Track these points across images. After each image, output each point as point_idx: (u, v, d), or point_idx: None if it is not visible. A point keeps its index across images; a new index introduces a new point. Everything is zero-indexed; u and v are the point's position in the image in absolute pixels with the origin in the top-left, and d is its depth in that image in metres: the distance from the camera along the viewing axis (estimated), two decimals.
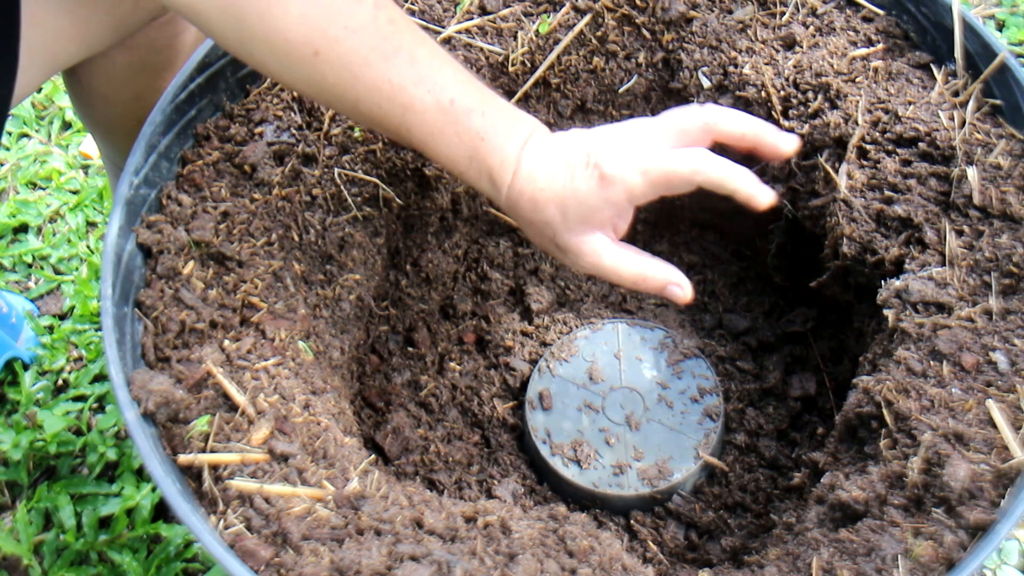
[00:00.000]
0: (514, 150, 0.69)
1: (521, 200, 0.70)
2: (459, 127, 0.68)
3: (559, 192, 0.69)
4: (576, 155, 0.69)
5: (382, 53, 0.66)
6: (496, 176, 0.69)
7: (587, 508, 0.92)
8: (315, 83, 0.67)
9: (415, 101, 0.67)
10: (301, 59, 0.65)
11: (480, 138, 0.68)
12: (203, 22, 0.67)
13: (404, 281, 1.02)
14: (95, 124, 1.02)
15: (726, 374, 1.00)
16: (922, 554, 0.58)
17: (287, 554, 0.59)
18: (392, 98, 0.67)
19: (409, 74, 0.66)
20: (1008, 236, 0.72)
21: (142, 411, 0.64)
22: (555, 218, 0.69)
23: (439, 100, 0.67)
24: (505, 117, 0.70)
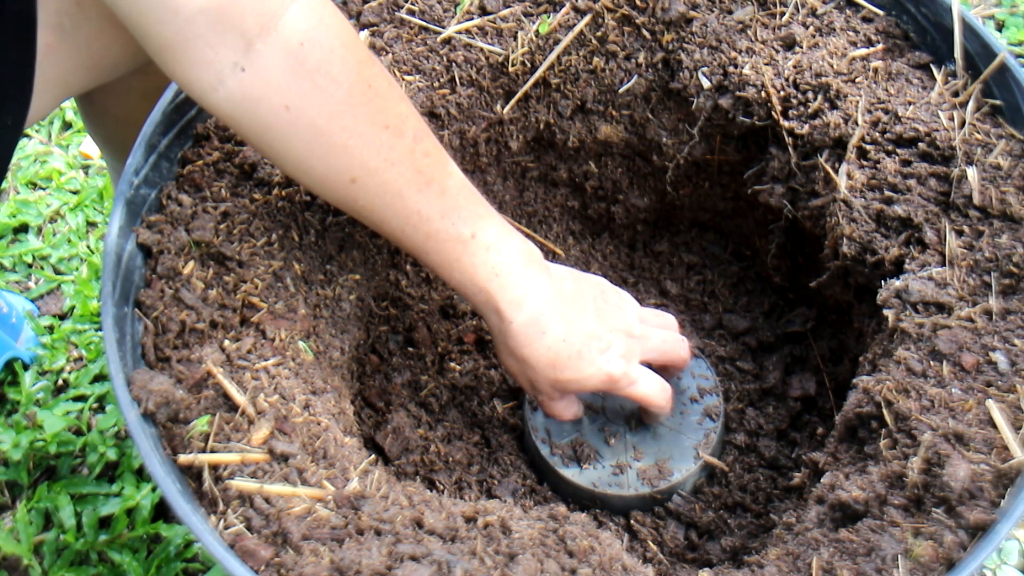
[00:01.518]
0: (524, 291, 0.76)
1: (523, 343, 0.77)
2: (476, 260, 0.74)
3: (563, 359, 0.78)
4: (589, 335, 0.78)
5: (416, 185, 0.70)
6: (504, 313, 0.75)
7: (587, 508, 0.92)
8: (345, 203, 0.71)
9: (439, 232, 0.72)
10: (338, 183, 0.69)
11: (495, 274, 0.74)
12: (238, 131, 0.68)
13: (404, 281, 1.02)
14: (104, 139, 1.02)
15: (726, 374, 1.00)
16: (922, 554, 0.59)
17: (287, 554, 0.59)
18: (418, 227, 0.71)
19: (437, 206, 0.71)
20: (1008, 236, 0.72)
21: (142, 411, 0.64)
22: (546, 373, 0.79)
23: (461, 233, 0.72)
24: (519, 256, 0.76)
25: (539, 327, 0.76)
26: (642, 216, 1.09)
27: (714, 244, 1.10)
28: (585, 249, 1.11)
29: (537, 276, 0.77)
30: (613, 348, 0.80)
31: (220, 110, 0.66)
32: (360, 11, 0.92)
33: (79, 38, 0.74)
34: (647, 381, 0.83)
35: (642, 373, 0.82)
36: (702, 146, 0.97)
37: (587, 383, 0.80)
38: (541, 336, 0.77)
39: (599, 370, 0.79)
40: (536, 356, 0.77)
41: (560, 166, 1.04)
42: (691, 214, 1.08)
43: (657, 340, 0.85)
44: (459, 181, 0.73)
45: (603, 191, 1.06)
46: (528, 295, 0.76)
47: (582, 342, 0.78)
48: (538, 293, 0.76)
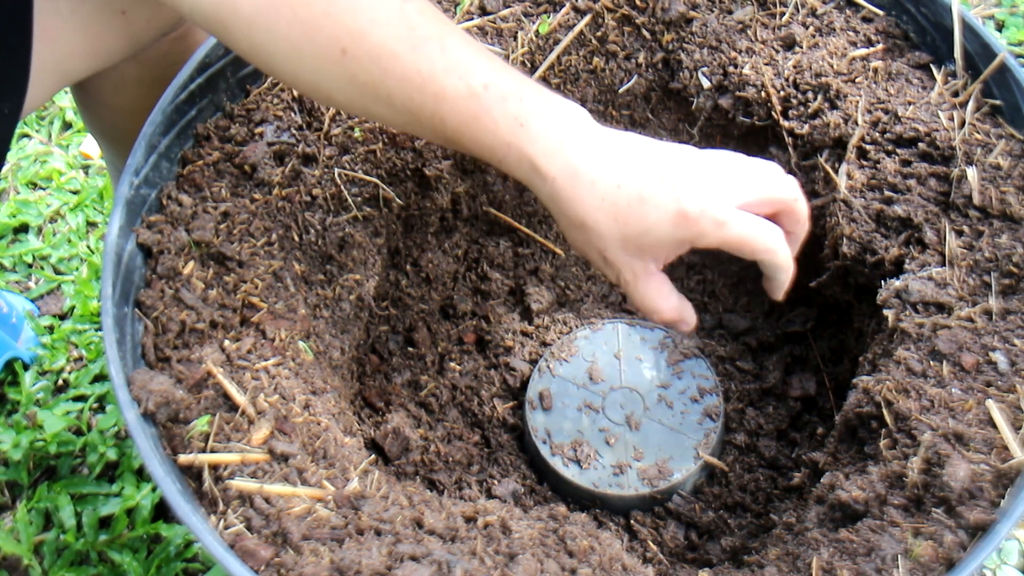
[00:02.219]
0: (559, 138, 0.64)
1: (572, 198, 0.65)
2: (495, 112, 0.64)
3: (623, 208, 0.64)
4: (652, 174, 0.64)
5: (410, 43, 0.63)
6: (539, 165, 0.64)
7: (587, 508, 0.92)
8: (347, 84, 0.64)
9: (447, 89, 0.63)
10: (330, 60, 0.63)
11: (520, 124, 0.64)
12: (227, 35, 0.65)
13: (404, 281, 1.02)
14: (101, 132, 1.02)
15: (726, 374, 1.00)
16: (922, 554, 0.59)
17: (287, 554, 0.59)
18: (423, 88, 0.63)
19: (440, 62, 0.63)
20: (1008, 236, 0.72)
21: (142, 411, 0.64)
22: (611, 232, 0.65)
23: (472, 86, 0.63)
24: (546, 102, 0.65)
25: (587, 176, 0.64)
26: None
27: None
28: None
29: (574, 121, 0.65)
30: (688, 182, 0.64)
31: (208, 15, 0.63)
32: None
33: (75, 23, 0.74)
34: (742, 220, 0.65)
35: (733, 212, 0.65)
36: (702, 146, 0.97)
37: (659, 231, 0.64)
38: (591, 187, 0.64)
39: (669, 208, 0.63)
40: (592, 211, 0.64)
41: None
42: None
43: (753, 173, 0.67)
44: (463, 38, 0.65)
45: None
46: (565, 142, 0.64)
47: (643, 180, 0.64)
48: (580, 139, 0.64)
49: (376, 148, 0.86)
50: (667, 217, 0.63)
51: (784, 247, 0.67)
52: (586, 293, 1.09)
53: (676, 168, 0.64)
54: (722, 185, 0.65)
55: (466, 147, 0.66)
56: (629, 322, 1.02)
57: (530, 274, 1.08)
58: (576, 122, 0.65)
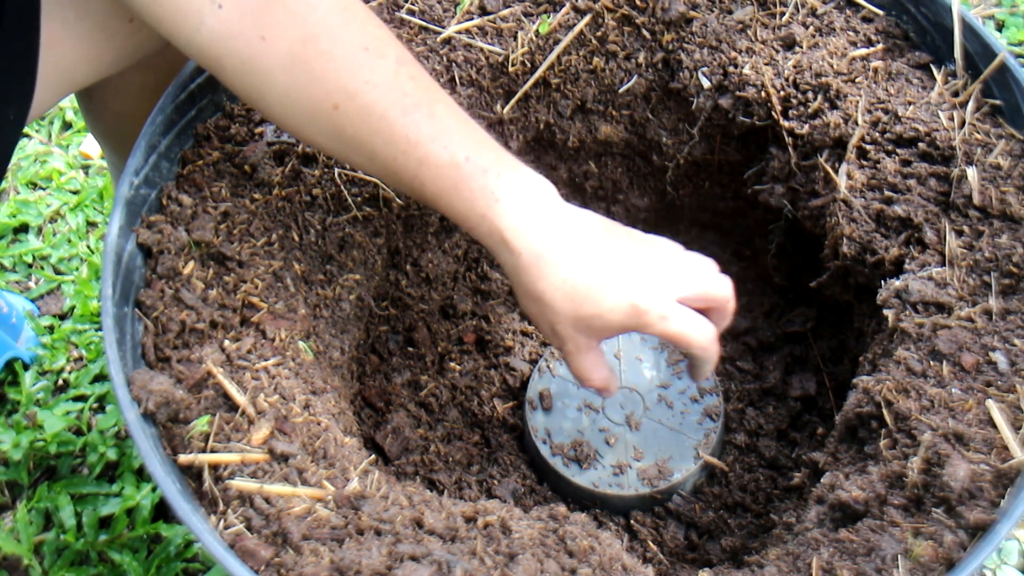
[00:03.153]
0: (530, 218, 0.69)
1: (536, 276, 0.69)
2: (473, 185, 0.68)
3: (581, 292, 0.69)
4: (609, 266, 0.70)
5: (401, 108, 0.66)
6: (509, 240, 0.69)
7: (587, 508, 0.92)
8: (334, 136, 0.68)
9: (431, 156, 0.67)
10: (321, 112, 0.66)
11: (495, 198, 0.68)
12: (225, 75, 0.68)
13: (404, 281, 1.02)
14: (105, 137, 1.02)
15: (726, 374, 1.00)
16: (922, 554, 0.59)
17: (287, 554, 0.59)
18: (408, 152, 0.67)
19: (426, 130, 0.67)
20: (1008, 236, 0.72)
21: (142, 411, 0.64)
22: (565, 311, 0.70)
23: (454, 157, 0.67)
24: (520, 180, 0.69)
25: (552, 257, 0.69)
26: (642, 216, 1.08)
27: (714, 244, 1.10)
28: None
29: (546, 202, 0.70)
30: (639, 278, 0.71)
31: (205, 52, 0.65)
32: None
33: (82, 30, 0.74)
34: (682, 316, 0.71)
35: (675, 308, 0.71)
36: (702, 146, 0.97)
37: (610, 316, 0.70)
38: (555, 267, 0.69)
39: (622, 300, 0.69)
40: (551, 290, 0.69)
41: (560, 166, 1.04)
42: (691, 214, 1.08)
43: (693, 272, 0.74)
44: (450, 107, 0.69)
45: (603, 191, 1.06)
46: (536, 221, 0.69)
47: (603, 271, 0.70)
48: (548, 220, 0.69)
49: None
50: (619, 307, 0.69)
51: (714, 343, 0.74)
52: None
53: (630, 263, 0.71)
54: (668, 282, 0.72)
55: (441, 210, 0.70)
56: None
57: None
58: (546, 203, 0.70)
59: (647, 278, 0.71)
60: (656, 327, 0.71)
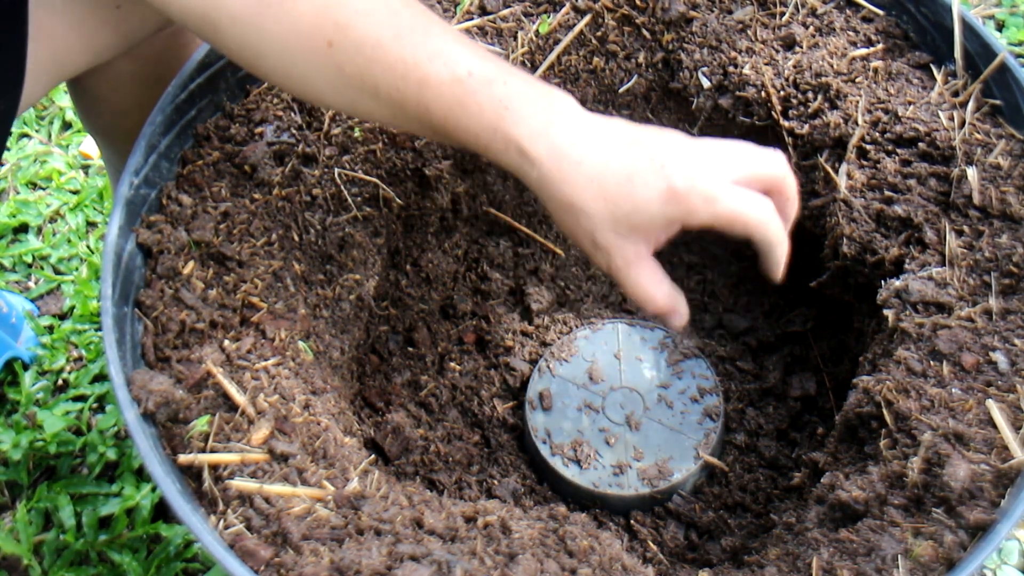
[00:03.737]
0: (544, 119, 0.64)
1: (560, 180, 0.64)
2: (480, 96, 0.63)
3: (612, 187, 0.63)
4: (639, 153, 0.63)
5: (395, 32, 0.63)
6: (526, 148, 0.63)
7: (587, 508, 0.92)
8: (335, 77, 0.65)
9: (431, 75, 0.63)
10: (317, 53, 0.64)
11: (504, 107, 0.63)
12: (216, 35, 0.66)
13: (404, 281, 1.02)
14: (98, 130, 1.02)
15: (726, 374, 1.00)
16: (922, 554, 0.58)
17: (287, 554, 0.59)
18: (407, 76, 0.63)
19: (423, 50, 0.63)
20: (1008, 236, 0.72)
21: (142, 411, 0.64)
22: (600, 213, 0.64)
23: (456, 72, 0.63)
24: (529, 85, 0.65)
25: (573, 157, 0.63)
26: None
27: (714, 244, 1.10)
28: None
29: (559, 103, 0.65)
30: (676, 160, 0.63)
31: (196, 15, 0.64)
32: None
33: (71, 18, 0.74)
34: (732, 194, 0.63)
35: (723, 186, 0.63)
36: None
37: (649, 208, 0.63)
38: (578, 167, 0.63)
39: (657, 187, 0.62)
40: (580, 192, 0.63)
41: None
42: None
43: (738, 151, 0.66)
44: (446, 28, 0.66)
45: None
46: (551, 123, 0.64)
47: (630, 159, 0.63)
48: (563, 119, 0.64)
49: (376, 148, 0.86)
50: (656, 194, 0.62)
51: (776, 221, 0.66)
52: (586, 293, 1.09)
53: (663, 147, 0.64)
54: (710, 162, 0.64)
55: (452, 135, 0.66)
56: (629, 322, 1.02)
57: (530, 274, 1.08)
58: (561, 104, 0.65)
59: (685, 159, 0.63)
60: (703, 211, 0.63)
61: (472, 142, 0.65)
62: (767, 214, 0.65)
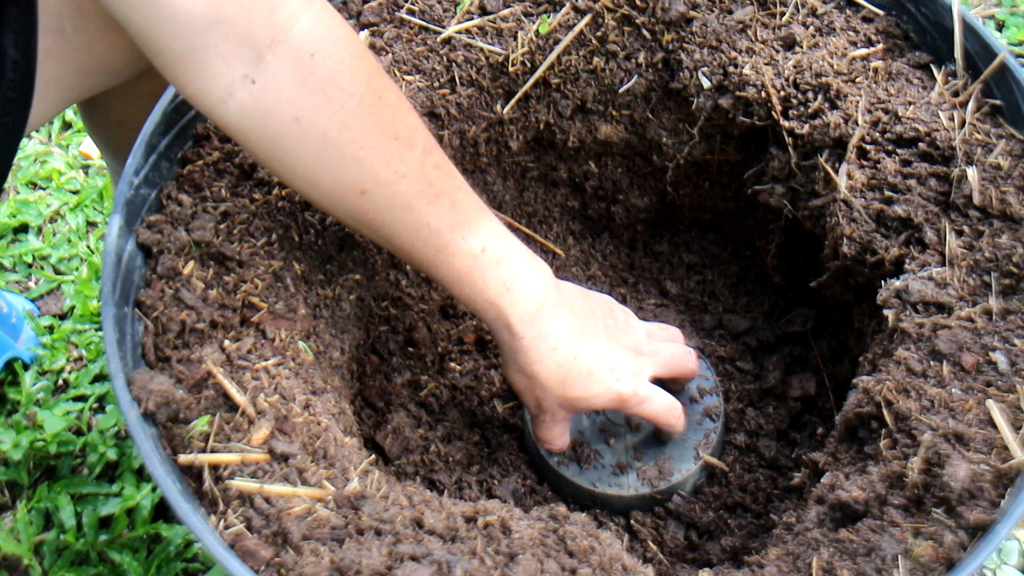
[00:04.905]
0: (536, 306, 0.75)
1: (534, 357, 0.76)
2: (487, 274, 0.73)
3: (573, 377, 0.78)
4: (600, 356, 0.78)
5: (426, 198, 0.69)
6: (515, 328, 0.75)
7: (587, 508, 0.92)
8: (354, 216, 0.70)
9: (449, 245, 0.71)
10: (347, 196, 0.68)
11: (506, 288, 0.74)
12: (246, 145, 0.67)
13: (404, 281, 1.02)
14: (106, 143, 1.02)
15: (726, 374, 1.00)
16: (922, 554, 0.59)
17: (287, 554, 0.59)
18: (428, 240, 0.71)
19: (447, 219, 0.70)
20: (1008, 236, 0.72)
21: (142, 411, 0.64)
22: (555, 389, 0.78)
23: (471, 247, 0.72)
24: (529, 269, 0.75)
25: (550, 343, 0.76)
26: (642, 216, 1.08)
27: (714, 244, 1.10)
28: (585, 249, 1.11)
29: (548, 292, 0.77)
30: (623, 366, 0.80)
31: (230, 123, 0.65)
32: (360, 11, 0.92)
33: (80, 42, 0.74)
34: (657, 400, 0.82)
35: (652, 391, 0.82)
36: (702, 146, 0.97)
37: (596, 401, 0.80)
38: (552, 352, 0.76)
39: (609, 388, 0.79)
40: (546, 372, 0.77)
41: (560, 166, 1.04)
42: (691, 214, 1.08)
43: (665, 355, 0.85)
44: (468, 194, 0.73)
45: (603, 191, 1.06)
46: (539, 310, 0.76)
47: (592, 359, 0.78)
48: (549, 309, 0.76)
49: None
50: (605, 392, 0.79)
51: (681, 419, 0.86)
52: None
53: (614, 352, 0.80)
54: (647, 366, 0.82)
55: (451, 292, 0.75)
56: None
57: None
58: (546, 291, 0.76)
59: (629, 366, 0.80)
60: (635, 409, 0.82)
61: (469, 304, 0.75)
62: (675, 414, 0.85)
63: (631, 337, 0.82)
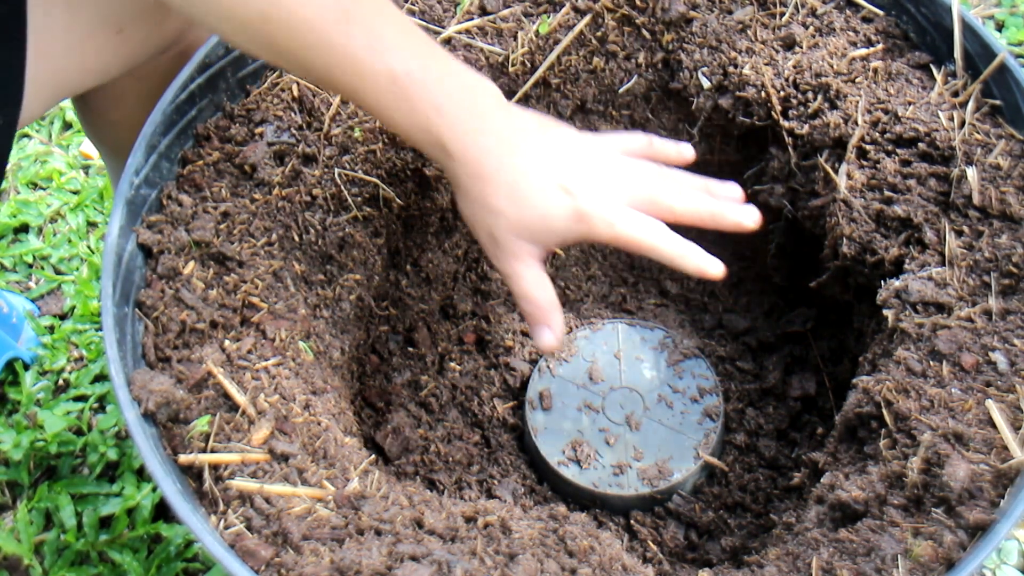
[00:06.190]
0: (474, 124, 0.67)
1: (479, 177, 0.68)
2: (413, 98, 0.66)
3: (525, 197, 0.68)
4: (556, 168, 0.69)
5: (335, 22, 0.63)
6: (452, 150, 0.67)
7: (587, 508, 0.92)
8: (266, 47, 0.65)
9: (366, 69, 0.64)
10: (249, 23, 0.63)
11: (436, 110, 0.66)
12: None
13: (404, 281, 1.02)
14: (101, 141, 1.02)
15: (726, 374, 1.00)
16: (922, 554, 0.59)
17: (287, 554, 0.60)
18: (344, 66, 0.64)
19: (362, 41, 0.64)
20: (1008, 236, 0.72)
21: (142, 411, 0.64)
22: (508, 215, 0.69)
23: (393, 69, 0.65)
24: (462, 85, 0.68)
25: (495, 160, 0.68)
26: None
27: (714, 244, 1.10)
28: (585, 249, 1.11)
29: (490, 109, 0.69)
30: (579, 183, 0.69)
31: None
32: None
33: (71, 40, 0.74)
34: (629, 220, 0.70)
35: (622, 212, 0.70)
36: (702, 146, 0.97)
37: (556, 222, 0.69)
38: (497, 170, 0.68)
39: (568, 205, 0.69)
40: (493, 192, 0.68)
41: None
42: None
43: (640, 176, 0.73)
44: (391, 16, 0.66)
45: None
46: (480, 129, 0.68)
47: (545, 174, 0.69)
48: (491, 125, 0.68)
49: (376, 148, 0.86)
50: (564, 212, 0.68)
51: (668, 240, 0.72)
52: (586, 293, 1.09)
53: (576, 167, 0.70)
54: (615, 186, 0.71)
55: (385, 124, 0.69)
56: (629, 322, 1.02)
57: None
58: (489, 108, 0.68)
59: (594, 183, 0.70)
60: (603, 233, 0.70)
61: (400, 133, 0.68)
62: (657, 236, 0.71)
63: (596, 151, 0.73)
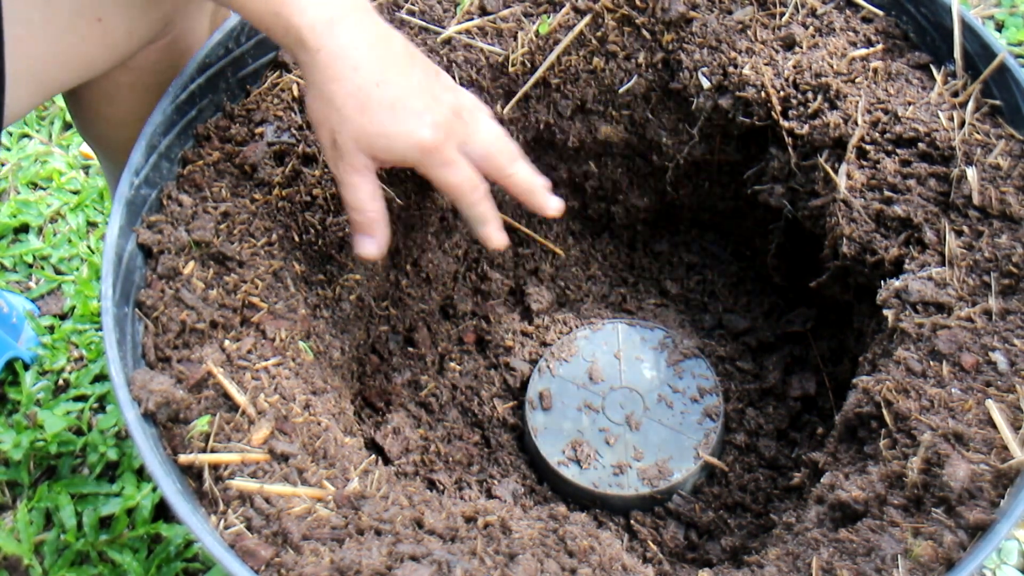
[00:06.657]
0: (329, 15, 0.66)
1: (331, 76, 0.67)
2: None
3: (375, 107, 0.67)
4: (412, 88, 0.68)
5: None
6: (306, 39, 0.66)
7: (587, 508, 0.92)
8: None
9: None
10: None
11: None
12: None
13: (404, 281, 1.02)
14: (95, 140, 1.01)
15: (726, 374, 1.00)
16: (922, 554, 0.59)
17: (287, 554, 0.60)
18: None
19: None
20: (1007, 236, 0.72)
21: (142, 411, 0.64)
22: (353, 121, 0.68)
23: None
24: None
25: (351, 61, 0.67)
26: (642, 216, 1.09)
27: (714, 244, 1.10)
28: (585, 249, 1.11)
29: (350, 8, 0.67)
30: (433, 114, 0.69)
31: None
32: None
33: (50, 33, 0.73)
34: (462, 170, 0.72)
35: (459, 158, 0.72)
36: (702, 146, 0.97)
37: (396, 144, 0.69)
38: (352, 73, 0.67)
39: (412, 132, 0.68)
40: (343, 94, 0.67)
41: (560, 166, 1.04)
42: (691, 214, 1.08)
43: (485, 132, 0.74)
44: None
45: (603, 191, 1.06)
46: (337, 22, 0.66)
47: (399, 94, 0.68)
48: (352, 25, 0.67)
49: None
50: (407, 138, 0.68)
51: (484, 205, 0.74)
52: (586, 293, 1.09)
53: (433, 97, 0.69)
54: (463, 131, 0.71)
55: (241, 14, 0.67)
56: (629, 322, 1.02)
57: (530, 274, 1.08)
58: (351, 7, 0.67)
59: (445, 119, 0.70)
60: (434, 171, 0.71)
61: (254, 22, 0.67)
62: (479, 194, 0.73)
63: (452, 96, 0.72)
